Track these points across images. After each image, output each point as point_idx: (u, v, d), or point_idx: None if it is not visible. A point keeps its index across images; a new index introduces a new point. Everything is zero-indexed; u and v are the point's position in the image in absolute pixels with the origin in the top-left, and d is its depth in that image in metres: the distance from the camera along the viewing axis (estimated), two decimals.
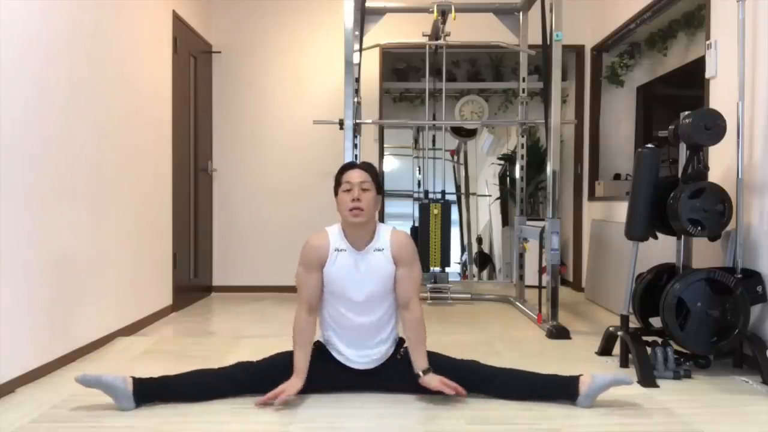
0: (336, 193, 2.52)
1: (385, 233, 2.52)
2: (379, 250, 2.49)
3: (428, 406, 2.43)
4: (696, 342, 2.87)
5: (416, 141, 6.74)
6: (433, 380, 2.40)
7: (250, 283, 5.50)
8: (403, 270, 2.50)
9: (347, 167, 2.56)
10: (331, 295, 2.51)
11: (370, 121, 5.19)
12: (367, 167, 2.55)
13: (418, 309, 2.49)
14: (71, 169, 3.09)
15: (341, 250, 2.48)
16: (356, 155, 4.33)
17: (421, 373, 2.42)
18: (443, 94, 5.41)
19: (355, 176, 2.48)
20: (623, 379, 2.43)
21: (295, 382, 2.41)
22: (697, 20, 4.54)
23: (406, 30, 5.38)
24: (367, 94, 5.30)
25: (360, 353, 2.52)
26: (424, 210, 4.92)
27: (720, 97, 3.39)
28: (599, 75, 5.52)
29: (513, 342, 3.63)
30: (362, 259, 2.48)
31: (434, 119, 5.61)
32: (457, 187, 6.89)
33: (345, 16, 4.11)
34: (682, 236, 3.03)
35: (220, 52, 5.51)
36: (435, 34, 5.20)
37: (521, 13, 4.99)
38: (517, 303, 4.80)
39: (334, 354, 2.54)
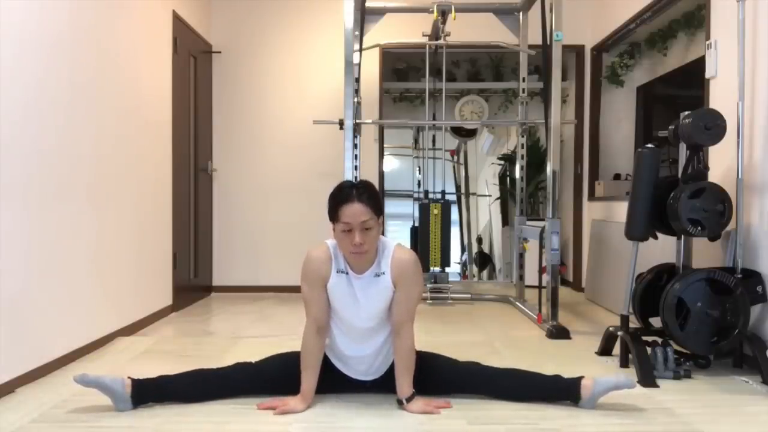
0: (332, 220, 2.29)
1: (387, 255, 2.34)
2: (379, 275, 2.33)
3: None
4: (696, 342, 2.87)
5: (416, 141, 6.74)
6: (416, 406, 2.35)
7: (250, 283, 5.50)
8: (400, 293, 2.34)
9: (344, 199, 2.24)
10: (332, 312, 2.42)
11: (370, 121, 5.19)
12: (366, 194, 2.26)
13: (410, 336, 2.35)
14: (71, 169, 3.09)
15: (343, 272, 2.34)
16: (356, 155, 4.33)
17: (404, 401, 2.35)
18: (443, 94, 5.41)
19: (355, 215, 2.21)
20: (626, 383, 2.38)
21: (299, 405, 2.34)
22: (697, 20, 4.54)
23: (406, 30, 5.38)
24: (367, 94, 5.30)
25: (362, 370, 2.48)
26: (424, 210, 4.92)
27: (720, 97, 3.39)
28: (599, 75, 5.52)
29: (513, 342, 3.63)
30: (362, 285, 2.34)
31: (434, 119, 5.61)
32: (457, 187, 6.89)
33: (345, 16, 4.12)
34: (682, 236, 3.03)
35: (220, 52, 5.51)
36: (435, 34, 5.20)
37: (521, 13, 4.99)
38: (517, 303, 4.80)
39: (336, 364, 2.50)
